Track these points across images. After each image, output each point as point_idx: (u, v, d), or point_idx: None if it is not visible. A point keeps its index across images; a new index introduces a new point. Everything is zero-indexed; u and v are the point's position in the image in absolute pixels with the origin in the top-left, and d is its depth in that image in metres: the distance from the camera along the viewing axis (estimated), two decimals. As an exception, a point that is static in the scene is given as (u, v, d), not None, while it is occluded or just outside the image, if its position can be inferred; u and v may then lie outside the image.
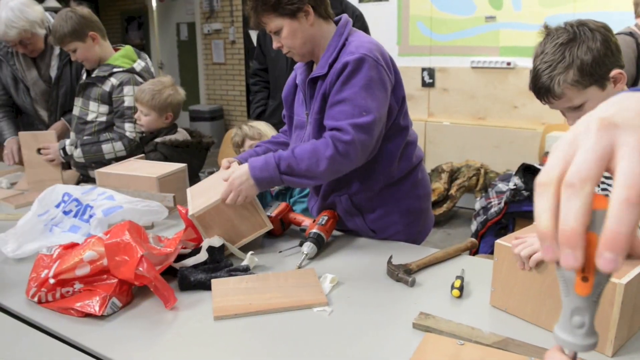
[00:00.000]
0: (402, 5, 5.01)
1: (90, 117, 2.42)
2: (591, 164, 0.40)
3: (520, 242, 1.21)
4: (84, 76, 2.49)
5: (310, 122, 1.68)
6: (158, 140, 2.25)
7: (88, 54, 2.35)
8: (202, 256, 1.49)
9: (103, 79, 2.38)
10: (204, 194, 1.65)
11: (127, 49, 2.49)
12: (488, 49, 4.69)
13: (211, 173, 3.90)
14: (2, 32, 2.41)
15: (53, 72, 2.69)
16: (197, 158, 2.34)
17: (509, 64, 4.59)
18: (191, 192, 1.74)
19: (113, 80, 2.37)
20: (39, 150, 2.38)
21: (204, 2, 7.79)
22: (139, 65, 2.45)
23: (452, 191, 4.53)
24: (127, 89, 2.36)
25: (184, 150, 2.24)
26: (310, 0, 1.57)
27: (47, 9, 2.71)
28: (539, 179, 0.42)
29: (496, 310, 1.27)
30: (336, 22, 1.68)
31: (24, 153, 2.41)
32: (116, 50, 2.49)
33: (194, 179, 2.19)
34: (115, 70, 2.38)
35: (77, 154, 2.35)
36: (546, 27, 1.35)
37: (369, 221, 1.76)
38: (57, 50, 2.67)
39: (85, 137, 2.40)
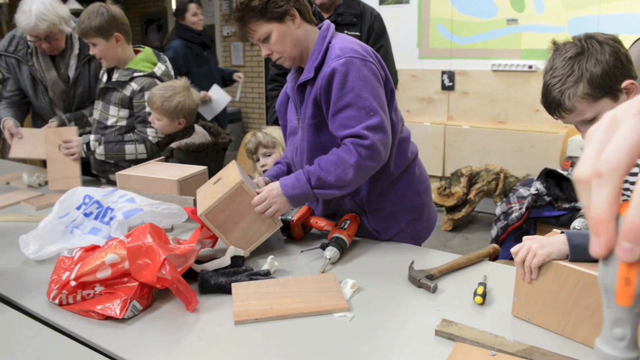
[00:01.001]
0: (422, 7, 4.98)
1: (110, 122, 2.43)
2: (622, 153, 0.39)
3: (520, 248, 1.19)
4: (104, 79, 2.50)
5: (303, 127, 1.70)
6: (174, 145, 2.24)
7: (108, 52, 2.35)
8: (225, 261, 1.48)
9: (124, 84, 2.38)
10: (211, 194, 1.64)
11: (147, 52, 2.48)
12: (509, 52, 4.64)
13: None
14: (32, 24, 2.42)
15: (71, 72, 2.70)
16: (214, 160, 2.33)
17: (530, 67, 4.53)
18: (200, 193, 1.73)
19: (134, 85, 2.37)
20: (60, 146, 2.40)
21: (224, 4, 7.83)
22: (159, 69, 2.45)
23: (471, 195, 4.48)
24: (147, 95, 2.37)
25: (201, 154, 2.24)
26: (295, 3, 1.61)
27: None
28: (576, 175, 0.42)
29: (518, 319, 1.24)
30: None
31: (48, 149, 2.42)
32: (136, 52, 2.48)
33: None
34: (135, 74, 2.38)
35: (100, 150, 2.36)
36: (554, 42, 1.35)
37: (372, 222, 1.76)
38: (75, 50, 2.68)
39: (108, 136, 2.42)
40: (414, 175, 1.79)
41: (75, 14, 2.64)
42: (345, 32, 2.67)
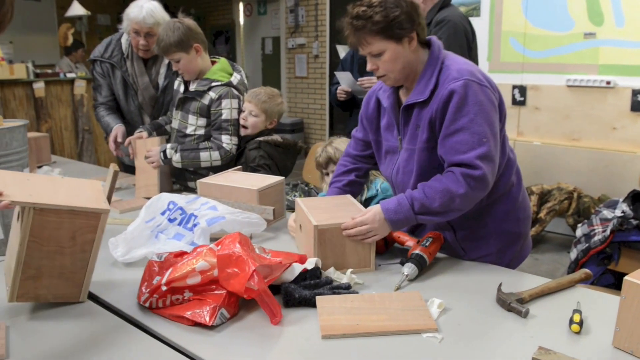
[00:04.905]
0: (494, 20, 4.88)
1: (189, 130, 2.50)
2: None
3: None
4: (181, 89, 2.57)
5: (411, 150, 1.66)
6: (261, 139, 2.40)
7: (190, 65, 2.44)
8: (297, 269, 1.45)
9: (202, 93, 2.45)
10: (326, 211, 1.64)
11: (223, 62, 2.55)
12: (586, 66, 4.48)
13: (295, 186, 3.91)
14: (142, 17, 2.60)
15: (161, 80, 2.82)
16: (291, 160, 2.54)
17: (608, 83, 4.35)
18: (304, 204, 1.71)
19: (212, 94, 2.44)
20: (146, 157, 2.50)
21: (290, 17, 7.95)
22: (235, 78, 2.52)
23: (542, 214, 4.33)
24: (225, 103, 2.42)
25: (283, 151, 2.45)
26: (417, 27, 1.56)
27: None
28: None
29: (620, 350, 1.17)
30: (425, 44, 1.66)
31: (138, 160, 2.54)
32: (212, 62, 2.55)
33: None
34: (213, 84, 2.45)
35: (176, 158, 2.43)
36: None
37: (460, 239, 1.70)
38: (166, 60, 2.78)
39: (185, 144, 2.49)
40: (516, 201, 1.72)
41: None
42: None
